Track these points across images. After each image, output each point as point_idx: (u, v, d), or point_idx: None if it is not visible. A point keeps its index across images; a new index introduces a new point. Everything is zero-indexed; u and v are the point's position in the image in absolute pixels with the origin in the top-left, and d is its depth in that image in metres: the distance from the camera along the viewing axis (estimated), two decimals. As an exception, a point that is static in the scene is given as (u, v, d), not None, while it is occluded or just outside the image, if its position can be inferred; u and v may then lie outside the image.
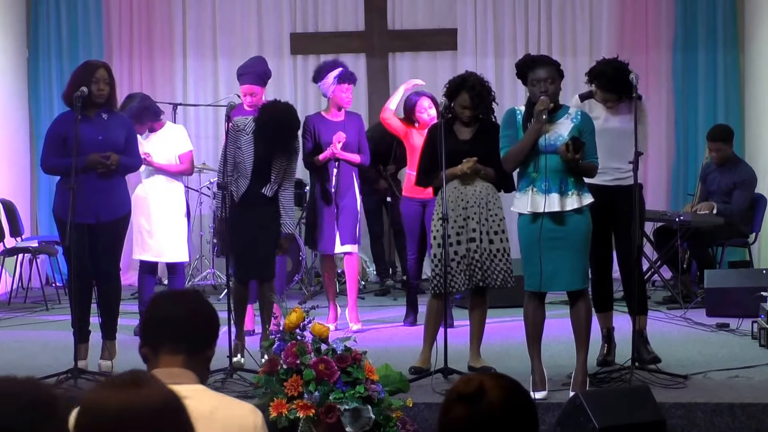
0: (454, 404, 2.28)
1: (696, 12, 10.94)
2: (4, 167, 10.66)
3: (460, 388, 2.31)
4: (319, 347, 5.28)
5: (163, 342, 2.80)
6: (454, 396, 2.30)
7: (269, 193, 7.02)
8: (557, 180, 5.83)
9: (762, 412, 5.61)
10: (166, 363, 2.77)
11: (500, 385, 2.32)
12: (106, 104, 6.55)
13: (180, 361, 2.76)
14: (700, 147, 10.58)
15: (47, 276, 10.85)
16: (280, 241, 7.02)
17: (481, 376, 2.35)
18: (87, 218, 6.40)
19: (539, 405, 5.68)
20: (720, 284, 8.42)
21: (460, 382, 2.35)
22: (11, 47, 10.91)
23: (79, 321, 6.53)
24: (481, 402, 2.26)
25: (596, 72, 6.55)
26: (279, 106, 7.11)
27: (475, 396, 2.27)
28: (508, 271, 6.44)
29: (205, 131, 11.17)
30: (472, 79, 6.53)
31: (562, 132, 5.88)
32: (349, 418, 5.08)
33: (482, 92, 6.49)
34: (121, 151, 6.57)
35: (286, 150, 7.02)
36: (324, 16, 11.37)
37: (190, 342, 2.79)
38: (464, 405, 2.27)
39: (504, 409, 2.28)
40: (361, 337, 6.48)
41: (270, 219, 7.03)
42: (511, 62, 10.99)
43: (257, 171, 7.00)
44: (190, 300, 2.88)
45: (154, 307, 2.89)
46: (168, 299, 2.92)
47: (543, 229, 5.84)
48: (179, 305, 2.85)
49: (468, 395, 2.27)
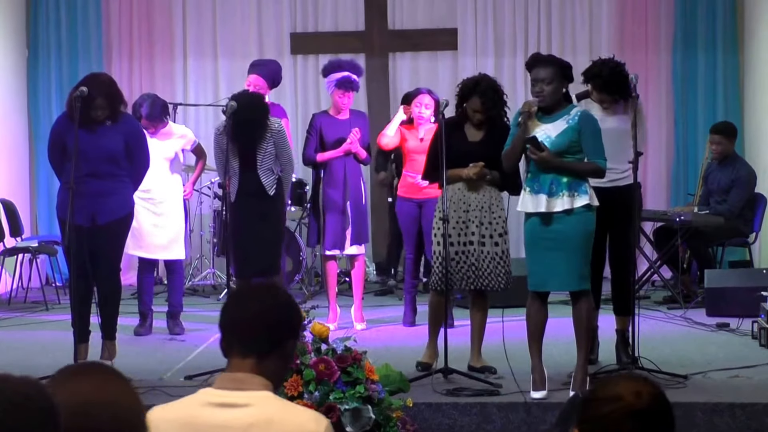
0: (625, 420, 2.21)
1: (696, 12, 10.95)
2: (4, 167, 10.66)
3: (630, 402, 2.22)
4: (319, 347, 5.28)
5: (232, 345, 2.70)
6: (620, 410, 2.21)
7: (270, 191, 7.04)
8: (547, 181, 5.83)
9: (762, 412, 5.61)
10: (234, 367, 2.68)
11: (657, 393, 2.27)
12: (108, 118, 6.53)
13: (249, 366, 2.66)
14: (699, 147, 10.59)
15: (47, 276, 10.85)
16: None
17: (641, 385, 2.27)
18: (83, 220, 6.41)
19: (539, 404, 5.69)
20: (720, 284, 8.42)
21: (628, 394, 2.24)
22: (11, 47, 10.91)
23: (78, 321, 6.53)
24: (653, 416, 2.23)
25: (592, 73, 6.54)
26: (242, 96, 7.16)
27: (649, 410, 2.23)
28: (507, 273, 6.47)
29: (205, 131, 11.13)
30: (485, 84, 6.52)
31: (551, 133, 5.86)
32: (349, 418, 5.08)
33: (494, 97, 6.48)
34: (119, 159, 6.57)
35: (255, 134, 7.02)
36: (324, 16, 11.37)
37: (259, 345, 2.67)
38: (637, 421, 2.21)
39: (664, 422, 2.26)
40: (362, 336, 6.48)
41: (272, 214, 7.06)
42: (510, 62, 11.05)
43: (244, 164, 7.03)
44: (261, 299, 2.73)
45: (225, 307, 2.77)
46: (239, 298, 2.79)
47: (535, 229, 5.88)
48: (248, 306, 2.72)
49: (642, 411, 2.22)
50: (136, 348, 7.45)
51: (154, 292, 8.31)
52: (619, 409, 2.21)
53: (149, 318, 8.08)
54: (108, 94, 6.48)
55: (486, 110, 6.45)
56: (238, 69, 10.53)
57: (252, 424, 2.54)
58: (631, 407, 2.21)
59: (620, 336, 6.55)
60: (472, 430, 5.69)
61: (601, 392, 2.28)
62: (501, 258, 6.45)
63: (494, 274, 6.42)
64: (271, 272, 7.09)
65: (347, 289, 9.44)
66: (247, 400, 2.57)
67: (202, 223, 10.65)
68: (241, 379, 2.63)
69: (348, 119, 8.13)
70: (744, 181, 9.12)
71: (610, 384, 2.29)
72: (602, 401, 2.25)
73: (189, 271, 10.34)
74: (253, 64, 8.22)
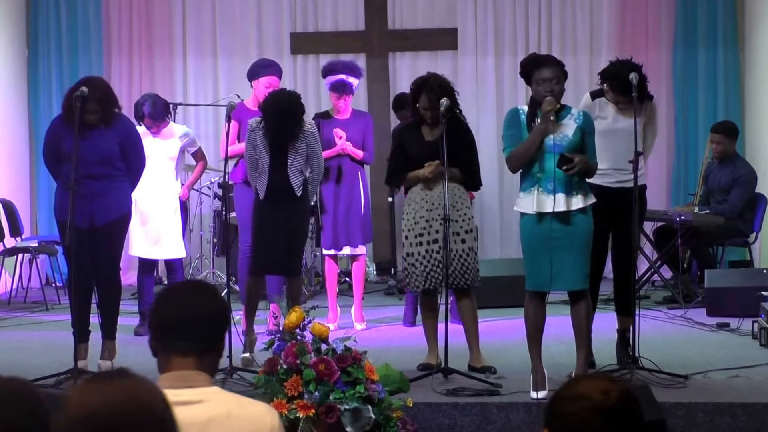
0: (592, 418, 2.20)
1: (696, 10, 10.94)
2: (4, 167, 10.66)
3: (597, 400, 2.22)
4: (319, 347, 5.27)
5: (173, 344, 2.71)
6: (588, 409, 2.21)
7: (298, 192, 7.02)
8: (564, 180, 5.82)
9: (762, 412, 5.61)
10: (178, 366, 2.69)
11: (624, 391, 2.25)
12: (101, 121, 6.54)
13: (192, 363, 2.69)
14: (700, 146, 10.58)
15: (47, 276, 10.85)
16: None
17: (608, 383, 2.26)
18: (82, 222, 6.42)
19: (539, 405, 5.69)
20: (720, 284, 8.42)
21: (596, 393, 2.24)
22: (11, 47, 10.91)
23: (78, 321, 6.54)
24: (620, 414, 2.21)
25: (611, 73, 6.50)
26: (281, 92, 7.19)
27: (616, 407, 2.21)
28: (474, 270, 6.51)
29: (205, 131, 11.16)
30: (432, 81, 6.56)
31: (567, 132, 5.87)
32: (349, 418, 5.08)
33: (442, 93, 6.47)
34: (114, 160, 6.57)
35: (292, 133, 7.03)
36: (324, 16, 11.37)
37: (200, 342, 2.71)
38: (605, 419, 2.20)
39: (633, 420, 2.24)
40: (362, 336, 6.48)
41: (299, 216, 7.07)
42: (511, 61, 11.03)
43: (275, 163, 7.02)
44: (196, 296, 2.77)
45: (159, 307, 2.79)
46: (173, 298, 2.80)
47: (547, 229, 5.84)
48: (185, 304, 2.74)
49: (609, 409, 2.21)
50: (136, 348, 7.44)
51: (154, 291, 8.31)
52: (587, 407, 2.21)
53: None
54: (101, 99, 6.49)
55: (434, 107, 6.45)
56: (238, 68, 10.52)
57: (210, 419, 2.56)
58: (598, 405, 2.21)
59: (621, 336, 6.55)
60: (472, 430, 5.69)
61: (568, 391, 2.28)
62: (467, 255, 6.46)
63: (460, 271, 6.44)
64: (293, 273, 7.10)
65: (347, 289, 9.44)
66: (200, 397, 2.59)
67: (202, 223, 10.65)
68: (187, 377, 2.66)
69: (348, 119, 8.14)
70: (744, 180, 9.12)
71: (577, 383, 2.30)
72: (569, 400, 2.25)
73: (189, 271, 10.34)
74: (262, 65, 8.19)
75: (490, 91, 11.20)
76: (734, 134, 9.29)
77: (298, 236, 7.12)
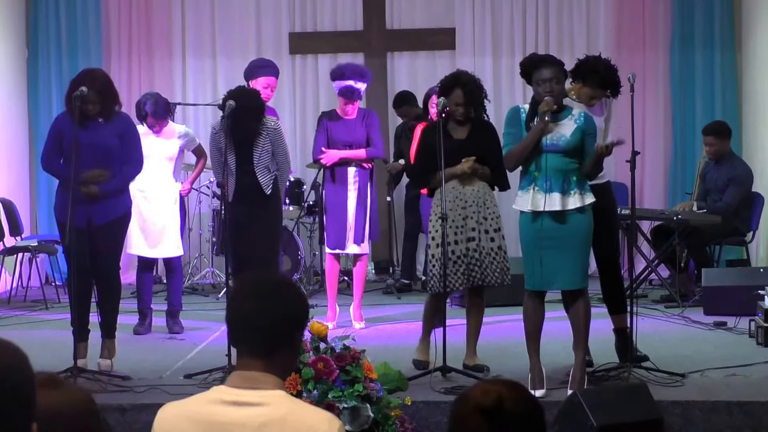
0: (472, 416, 2.23)
1: (693, 11, 10.97)
2: (4, 167, 10.67)
3: (478, 400, 2.24)
4: (318, 346, 5.30)
5: (241, 344, 2.67)
6: (471, 407, 2.24)
7: (267, 191, 7.04)
8: (560, 179, 5.84)
9: (759, 410, 5.63)
10: (245, 365, 2.64)
11: (518, 397, 2.26)
12: (100, 114, 6.56)
13: (260, 364, 2.61)
14: (697, 146, 10.60)
15: (47, 275, 10.87)
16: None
17: (497, 386, 2.29)
18: (81, 222, 6.44)
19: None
20: (717, 283, 8.44)
21: (478, 393, 2.27)
22: (11, 47, 10.92)
23: (78, 320, 6.56)
24: (501, 415, 2.22)
25: (588, 68, 6.49)
26: (238, 90, 7.17)
27: (495, 408, 2.22)
28: (505, 269, 6.49)
29: (204, 131, 11.14)
30: (465, 77, 6.57)
31: (565, 132, 5.89)
32: (348, 416, 5.09)
33: (474, 90, 6.50)
34: (114, 155, 6.59)
35: (254, 129, 7.03)
36: (323, 16, 11.39)
37: (267, 345, 2.62)
38: (482, 417, 2.21)
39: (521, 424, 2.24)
40: (360, 335, 6.49)
41: (271, 214, 7.07)
42: (509, 62, 11.05)
43: (241, 162, 7.05)
44: (268, 297, 2.65)
45: (230, 306, 2.70)
46: (244, 295, 2.68)
47: (545, 227, 5.86)
48: (255, 306, 2.63)
49: (487, 408, 2.22)
50: (135, 347, 7.47)
51: (153, 290, 8.33)
52: (467, 408, 2.25)
53: (149, 317, 8.10)
54: (101, 90, 6.51)
55: (468, 102, 6.46)
56: (237, 68, 10.51)
57: (265, 423, 2.55)
58: (476, 406, 2.23)
59: (619, 335, 6.53)
60: (471, 428, 5.70)
61: (460, 395, 2.33)
62: (497, 253, 6.47)
63: (490, 269, 6.44)
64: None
65: (346, 288, 9.46)
66: (261, 399, 2.57)
67: (201, 222, 10.67)
68: (253, 378, 2.61)
69: (354, 119, 8.17)
70: (740, 179, 9.14)
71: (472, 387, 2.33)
72: (456, 402, 2.31)
73: (188, 270, 10.36)
74: (259, 65, 8.22)
75: (488, 90, 11.15)
76: (726, 134, 9.30)
77: (269, 234, 7.10)
